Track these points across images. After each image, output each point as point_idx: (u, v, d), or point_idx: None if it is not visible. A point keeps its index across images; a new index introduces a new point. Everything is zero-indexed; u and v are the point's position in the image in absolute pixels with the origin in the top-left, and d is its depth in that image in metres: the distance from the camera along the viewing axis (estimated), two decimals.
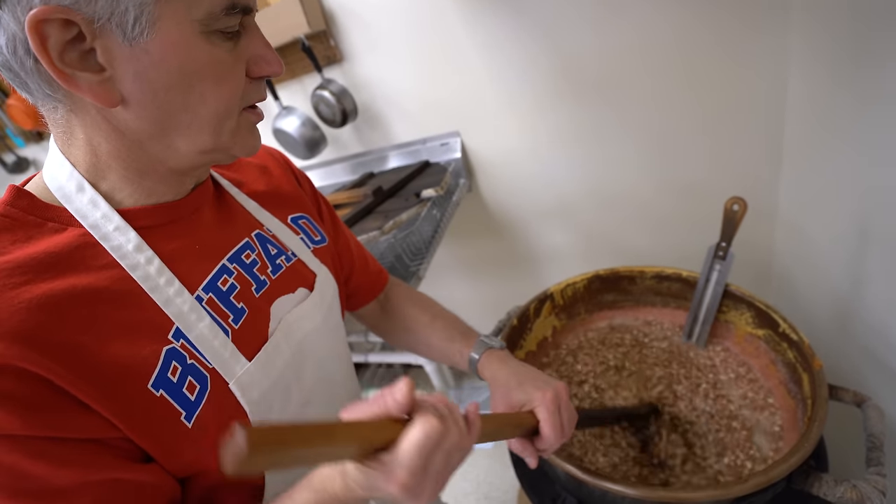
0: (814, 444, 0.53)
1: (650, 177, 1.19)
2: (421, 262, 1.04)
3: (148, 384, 0.37)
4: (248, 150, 0.44)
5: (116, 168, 0.40)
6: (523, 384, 0.53)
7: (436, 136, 1.30)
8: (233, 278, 0.46)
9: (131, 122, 0.37)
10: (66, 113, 0.38)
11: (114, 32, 0.33)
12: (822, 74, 0.83)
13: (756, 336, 0.76)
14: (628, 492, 0.53)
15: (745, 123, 1.03)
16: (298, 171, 0.63)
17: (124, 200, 0.41)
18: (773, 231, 1.15)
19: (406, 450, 0.33)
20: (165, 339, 0.39)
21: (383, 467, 0.34)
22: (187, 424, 0.39)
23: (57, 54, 0.33)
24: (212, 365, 0.41)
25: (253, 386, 0.43)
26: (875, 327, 0.79)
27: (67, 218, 0.39)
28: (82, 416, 0.34)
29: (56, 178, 0.40)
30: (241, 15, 0.37)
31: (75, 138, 0.39)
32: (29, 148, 1.84)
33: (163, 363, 0.38)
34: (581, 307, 0.91)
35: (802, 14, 0.84)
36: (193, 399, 0.39)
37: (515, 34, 1.07)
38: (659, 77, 1.03)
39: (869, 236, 0.77)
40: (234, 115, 0.40)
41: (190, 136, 0.39)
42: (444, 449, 0.35)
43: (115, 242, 0.39)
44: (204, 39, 0.36)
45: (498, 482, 1.53)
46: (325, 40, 1.22)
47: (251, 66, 0.40)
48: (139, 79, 0.35)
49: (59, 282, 0.35)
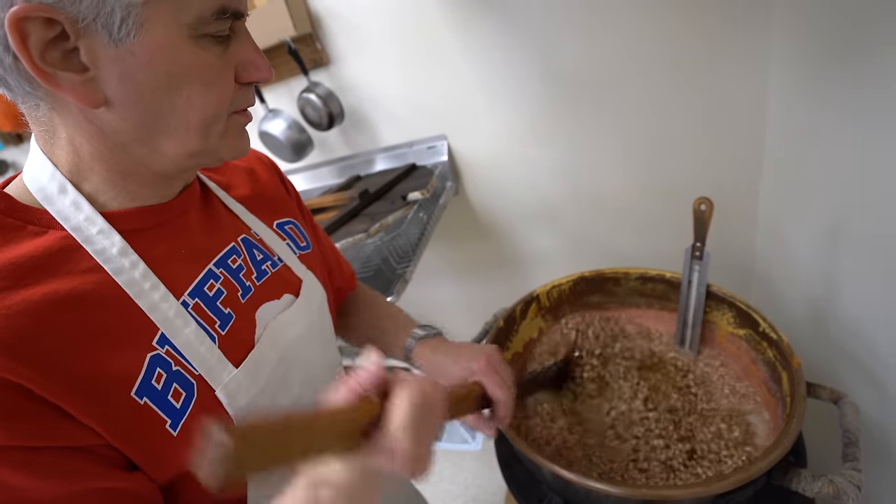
0: (793, 440, 0.55)
1: (634, 179, 1.20)
2: (408, 265, 1.04)
3: (131, 392, 0.36)
4: (236, 153, 0.43)
5: (99, 170, 0.39)
6: (458, 361, 0.56)
7: (422, 140, 1.30)
8: (219, 283, 0.45)
9: (115, 124, 0.36)
10: (49, 111, 0.37)
11: (99, 33, 0.32)
12: (803, 75, 0.85)
13: (737, 336, 0.77)
14: (612, 490, 0.53)
15: (727, 126, 1.05)
16: (285, 177, 0.63)
17: (108, 203, 0.40)
18: (754, 233, 1.18)
19: (399, 418, 0.33)
20: (150, 346, 0.38)
21: (379, 446, 0.33)
22: (172, 433, 0.38)
23: (38, 53, 0.32)
24: (198, 372, 0.40)
25: (240, 393, 0.42)
26: (850, 327, 0.81)
27: (48, 220, 0.38)
28: (63, 425, 0.33)
29: (37, 178, 0.39)
30: (231, 19, 0.37)
31: (58, 138, 0.38)
32: (8, 151, 1.80)
33: (146, 370, 0.37)
34: (567, 308, 0.92)
35: (784, 12, 0.86)
36: (179, 407, 0.38)
37: (502, 38, 1.08)
38: (643, 81, 1.05)
39: (843, 238, 0.79)
40: (223, 119, 0.40)
41: (177, 138, 0.38)
42: (429, 412, 0.36)
43: (99, 246, 0.38)
44: (193, 43, 0.35)
45: (486, 485, 1.53)
46: (312, 43, 1.21)
47: (240, 71, 0.40)
48: (124, 80, 0.34)
49: (40, 287, 0.34)
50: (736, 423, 0.70)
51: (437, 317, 1.83)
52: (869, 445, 0.65)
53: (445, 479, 1.59)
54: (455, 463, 1.63)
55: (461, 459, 1.63)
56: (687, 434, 0.71)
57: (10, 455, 0.31)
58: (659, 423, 0.73)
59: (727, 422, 0.71)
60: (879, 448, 0.78)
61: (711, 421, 0.72)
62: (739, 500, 0.56)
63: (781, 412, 0.64)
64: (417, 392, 0.34)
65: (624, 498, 0.54)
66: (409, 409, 0.34)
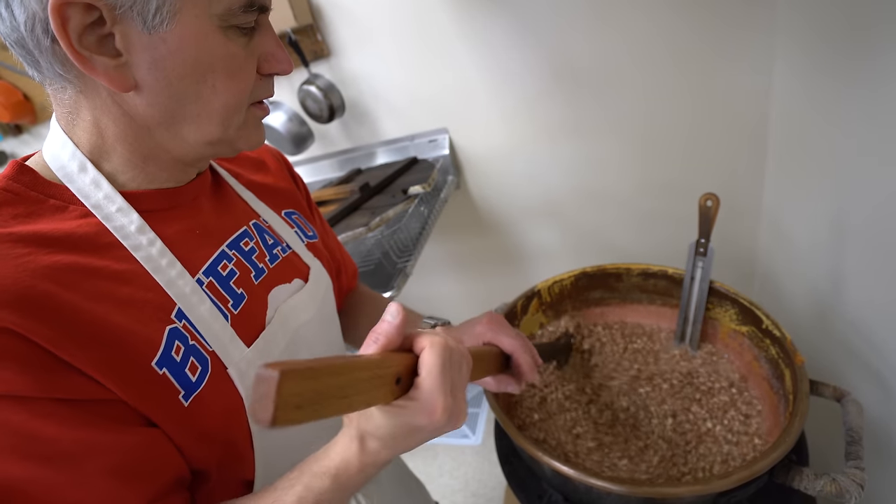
0: (795, 438, 0.54)
1: (637, 175, 1.19)
2: (408, 259, 1.03)
3: (152, 362, 0.37)
4: (252, 145, 0.45)
5: (121, 151, 0.40)
6: (465, 332, 0.57)
7: (424, 133, 1.29)
8: (232, 264, 0.47)
9: (142, 108, 0.38)
10: (75, 94, 0.38)
11: (134, 20, 0.34)
12: (807, 72, 0.84)
13: (740, 332, 0.76)
14: (613, 487, 0.53)
15: (730, 122, 1.04)
16: (296, 172, 0.65)
17: (127, 183, 0.42)
18: (757, 230, 1.17)
19: (431, 372, 0.33)
20: (169, 319, 0.39)
21: (414, 402, 0.33)
22: (184, 403, 0.39)
23: (76, 37, 0.33)
24: (211, 348, 0.41)
25: (250, 372, 0.43)
26: (854, 324, 0.80)
27: (69, 196, 0.39)
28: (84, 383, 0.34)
29: (58, 157, 0.40)
30: (257, 13, 0.38)
31: (81, 119, 0.39)
32: (7, 141, 1.79)
33: (166, 342, 0.38)
34: (568, 304, 0.91)
35: (789, 9, 0.85)
36: (195, 380, 0.39)
37: (505, 31, 1.07)
38: (647, 76, 1.04)
39: (847, 235, 0.78)
40: (243, 109, 0.42)
41: (199, 126, 0.40)
42: (458, 363, 0.36)
43: (118, 223, 0.39)
44: (221, 33, 0.37)
45: (485, 479, 1.53)
46: (312, 34, 1.20)
47: (262, 62, 0.42)
48: (155, 66, 0.36)
49: (64, 256, 0.35)
50: (738, 421, 0.70)
51: (438, 311, 1.84)
52: (872, 444, 0.65)
53: (446, 474, 1.59)
54: (455, 457, 1.63)
55: (461, 453, 1.63)
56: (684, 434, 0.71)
57: (37, 405, 0.32)
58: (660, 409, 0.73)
59: (729, 420, 0.70)
60: (882, 447, 0.77)
61: (713, 418, 0.71)
62: (741, 498, 0.56)
63: (784, 410, 0.64)
64: (443, 344, 0.35)
65: (625, 495, 0.54)
66: (438, 360, 0.34)
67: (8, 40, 0.35)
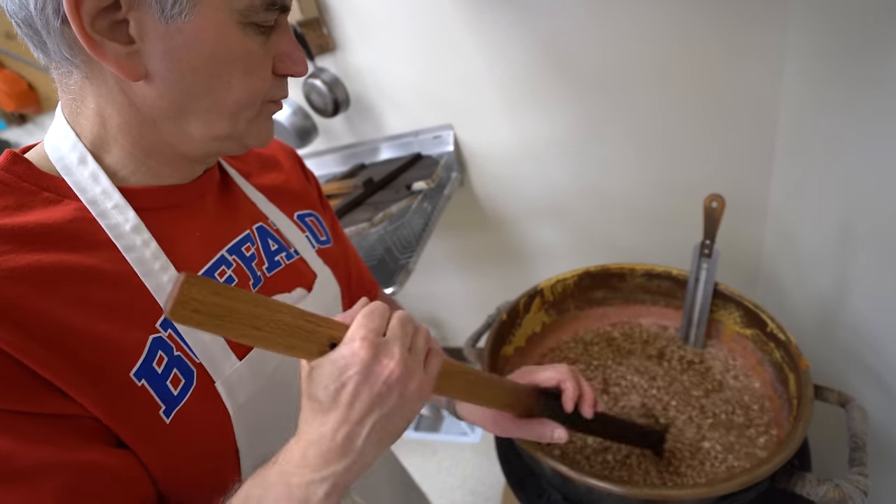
0: (798, 443, 0.54)
1: (642, 175, 1.18)
2: (411, 256, 1.03)
3: (130, 372, 0.35)
4: (261, 141, 0.43)
5: (123, 143, 0.39)
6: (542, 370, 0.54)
7: (428, 129, 1.29)
8: (231, 270, 0.45)
9: (150, 99, 0.36)
10: (81, 79, 0.37)
11: (151, 8, 0.32)
12: (818, 73, 0.83)
13: (744, 336, 0.76)
14: (613, 489, 0.53)
15: (738, 124, 1.03)
16: (307, 168, 0.62)
17: (128, 178, 0.40)
18: (762, 232, 1.16)
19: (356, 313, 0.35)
20: (152, 328, 0.37)
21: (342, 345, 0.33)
22: (165, 420, 0.37)
23: (89, 20, 0.32)
24: (199, 360, 0.39)
25: (241, 388, 0.41)
26: (859, 329, 0.79)
27: (65, 190, 0.37)
28: (52, 397, 0.32)
29: (58, 147, 0.38)
30: (277, 12, 0.37)
31: (85, 107, 0.38)
32: (11, 131, 1.79)
33: (148, 352, 0.36)
34: (571, 303, 0.91)
35: (801, 8, 0.83)
36: (176, 394, 0.37)
37: (513, 27, 1.06)
38: (656, 75, 1.03)
39: (853, 239, 0.77)
40: (256, 106, 0.40)
41: (207, 121, 0.38)
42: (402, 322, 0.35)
43: (113, 221, 0.38)
44: (239, 29, 0.36)
45: (484, 477, 1.53)
46: (318, 28, 1.19)
47: (277, 62, 0.40)
48: (168, 57, 0.34)
49: (48, 255, 0.34)
50: (740, 425, 0.69)
51: (440, 308, 1.83)
52: (875, 450, 0.64)
53: (444, 471, 1.59)
54: (454, 455, 1.63)
55: (460, 451, 1.63)
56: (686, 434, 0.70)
57: None
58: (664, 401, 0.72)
59: (732, 424, 0.70)
60: (886, 453, 0.77)
61: (716, 421, 0.71)
62: (742, 502, 0.56)
63: (787, 414, 0.63)
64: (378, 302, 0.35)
65: (626, 497, 0.53)
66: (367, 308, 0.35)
67: (15, 18, 0.34)
